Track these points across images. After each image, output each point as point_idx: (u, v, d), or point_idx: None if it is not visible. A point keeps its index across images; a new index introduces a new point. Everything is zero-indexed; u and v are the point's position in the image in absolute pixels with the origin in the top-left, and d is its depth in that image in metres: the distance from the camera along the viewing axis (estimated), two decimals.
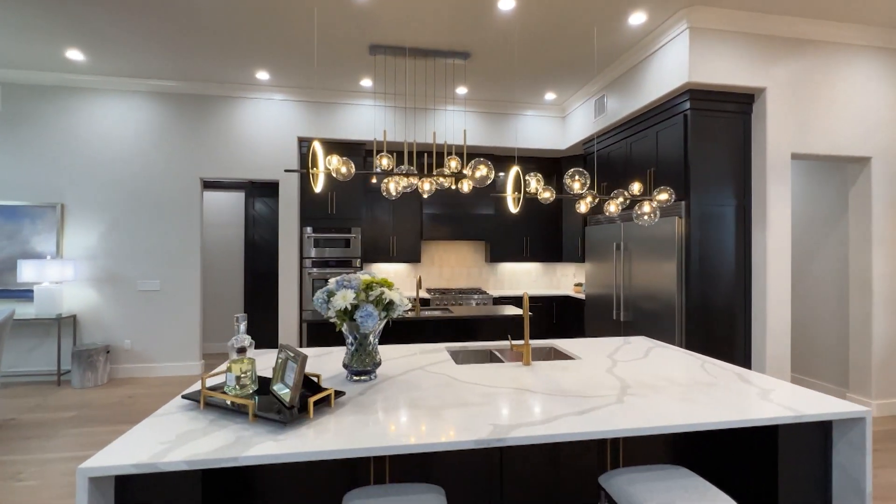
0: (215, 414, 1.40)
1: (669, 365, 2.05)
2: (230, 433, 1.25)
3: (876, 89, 3.57)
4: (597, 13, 3.27)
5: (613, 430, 1.30)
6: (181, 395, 1.52)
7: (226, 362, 1.62)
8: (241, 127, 4.73)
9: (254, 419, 1.33)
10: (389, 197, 2.06)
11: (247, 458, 1.12)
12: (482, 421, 1.36)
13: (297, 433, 1.26)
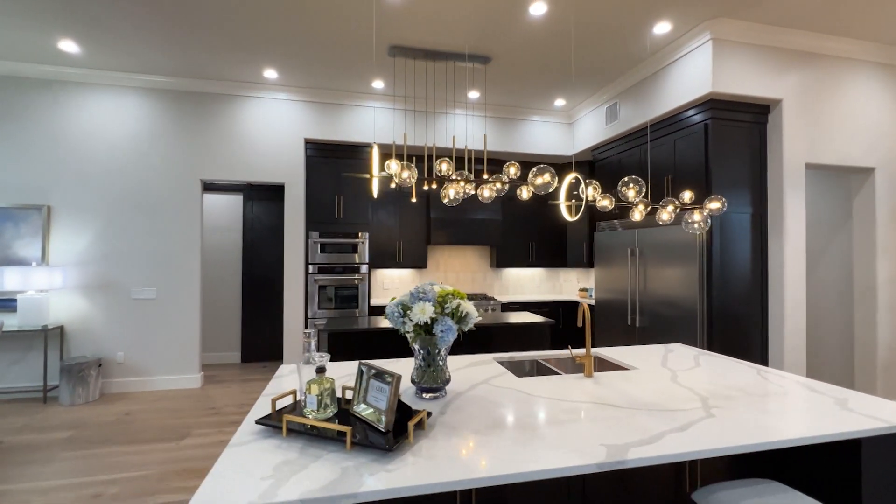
0: (300, 441, 1.28)
1: (727, 374, 2.04)
2: (331, 464, 1.14)
3: (879, 103, 3.74)
4: (623, 21, 3.29)
5: (733, 446, 1.26)
6: (255, 420, 1.38)
7: (292, 382, 1.49)
8: (244, 127, 4.52)
9: (351, 447, 1.22)
10: (450, 203, 1.97)
11: (367, 494, 1.02)
12: (589, 441, 1.29)
13: (403, 461, 1.16)
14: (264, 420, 1.38)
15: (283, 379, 1.94)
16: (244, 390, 4.30)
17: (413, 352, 1.72)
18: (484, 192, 2.01)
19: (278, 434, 1.33)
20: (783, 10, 3.13)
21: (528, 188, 2.01)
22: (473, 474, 1.09)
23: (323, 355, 1.42)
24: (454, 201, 1.95)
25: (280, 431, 1.35)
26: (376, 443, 1.21)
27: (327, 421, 1.34)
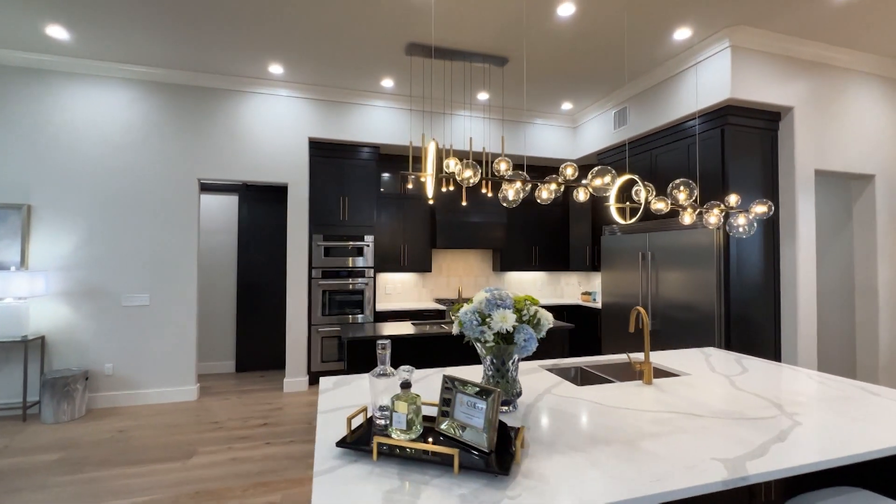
0: (393, 465, 1.16)
1: (779, 378, 2.03)
2: (443, 492, 1.02)
3: (880, 113, 3.90)
4: (645, 26, 3.30)
5: (848, 455, 1.22)
6: (336, 443, 1.24)
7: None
8: (246, 124, 4.30)
9: (459, 471, 1.10)
10: (508, 205, 1.88)
11: None
12: (698, 455, 1.22)
13: (519, 485, 1.06)
14: (346, 443, 1.24)
15: (331, 394, 1.79)
16: (245, 402, 4.06)
17: (482, 361, 1.62)
18: (542, 194, 1.94)
19: (365, 457, 1.20)
20: (798, 20, 3.21)
21: (584, 190, 1.95)
22: (606, 498, 1.00)
23: (409, 369, 1.30)
24: (513, 203, 1.87)
25: (363, 453, 1.21)
26: (482, 466, 1.10)
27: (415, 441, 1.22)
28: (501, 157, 1.77)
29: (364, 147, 4.77)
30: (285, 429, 3.41)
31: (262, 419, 3.63)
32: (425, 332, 3.27)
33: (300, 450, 3.04)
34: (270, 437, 3.27)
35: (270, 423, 3.53)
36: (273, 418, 3.64)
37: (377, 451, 1.17)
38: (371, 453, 1.19)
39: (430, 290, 5.60)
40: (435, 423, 1.32)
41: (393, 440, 1.18)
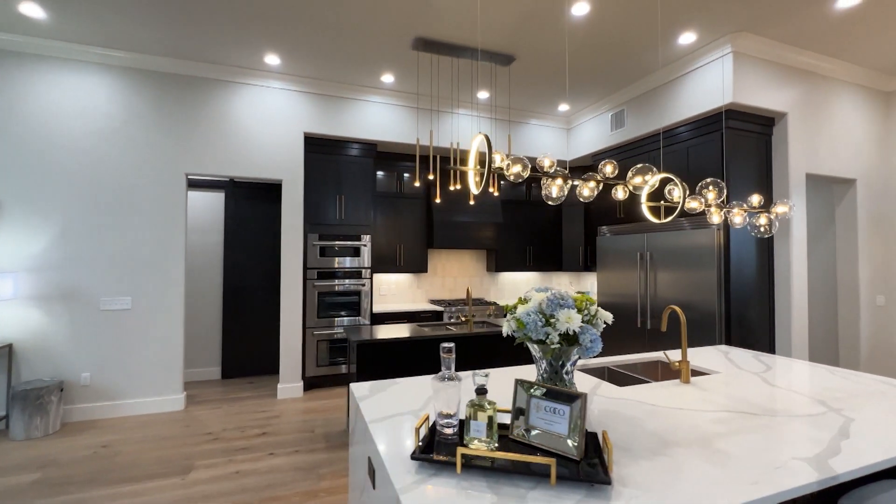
0: (480, 477, 1.08)
1: (806, 374, 2.07)
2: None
3: (861, 120, 4.12)
4: (653, 29, 3.35)
5: None
6: (410, 456, 1.15)
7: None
8: (238, 117, 4.08)
9: (556, 482, 1.04)
10: (552, 202, 1.83)
11: None
12: (778, 456, 1.20)
13: (625, 496, 1.00)
14: (427, 456, 1.15)
15: (371, 401, 1.68)
16: (237, 411, 3.84)
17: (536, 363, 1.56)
18: (583, 192, 1.90)
19: (445, 470, 1.11)
20: (796, 28, 3.34)
21: (623, 188, 1.93)
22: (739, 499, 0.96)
23: (484, 373, 1.22)
24: (556, 200, 1.82)
25: (442, 466, 1.13)
26: (577, 475, 1.04)
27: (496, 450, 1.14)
28: (545, 155, 1.72)
29: (361, 144, 4.63)
30: (287, 438, 3.24)
31: (259, 428, 3.43)
32: (443, 334, 3.19)
33: (307, 460, 2.88)
34: (272, 447, 3.09)
35: (270, 433, 3.34)
36: (272, 427, 3.45)
37: (461, 462, 1.09)
38: (447, 464, 1.11)
39: (424, 291, 5.50)
40: (508, 430, 1.25)
41: (484, 451, 1.10)
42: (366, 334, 3.14)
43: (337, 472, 2.71)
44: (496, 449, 1.16)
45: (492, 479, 1.08)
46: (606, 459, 1.09)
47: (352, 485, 1.73)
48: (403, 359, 3.12)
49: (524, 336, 1.51)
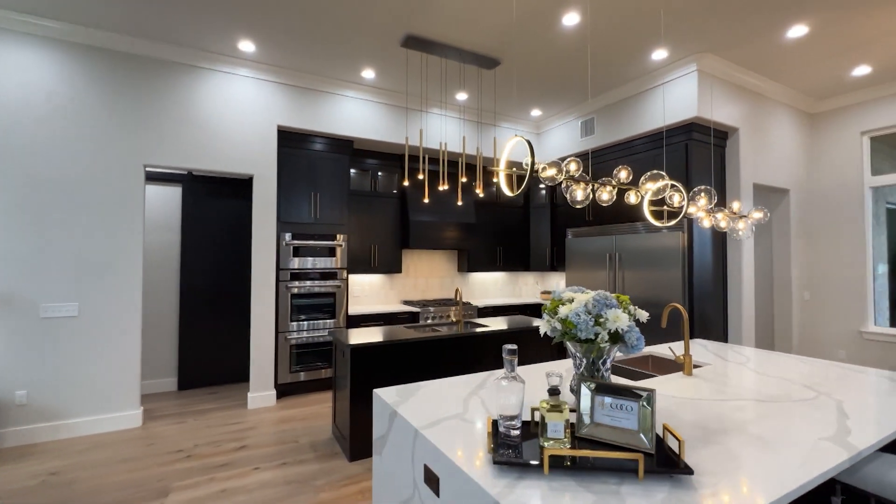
0: (567, 477, 1.09)
1: (779, 363, 2.32)
2: (648, 500, 0.99)
3: (792, 137, 4.67)
4: (631, 43, 3.57)
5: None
6: (494, 460, 1.13)
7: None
8: (206, 106, 3.76)
9: (643, 476, 1.08)
10: (576, 206, 1.88)
11: None
12: (807, 438, 1.34)
13: (707, 483, 1.06)
14: (514, 459, 1.14)
15: (408, 407, 1.64)
16: (207, 424, 3.54)
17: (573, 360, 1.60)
18: (602, 196, 1.98)
19: (529, 472, 1.12)
20: (750, 53, 3.72)
21: (636, 192, 2.04)
22: (788, 485, 1.05)
23: (558, 374, 1.24)
24: (581, 204, 1.88)
25: (525, 468, 1.13)
26: (657, 467, 1.09)
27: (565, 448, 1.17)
28: (571, 158, 1.78)
29: (337, 140, 4.47)
30: (270, 450, 3.05)
31: (236, 441, 3.19)
32: (439, 335, 3.16)
33: (298, 472, 2.73)
34: (256, 460, 2.89)
35: (250, 446, 3.12)
36: (250, 439, 3.23)
37: (548, 463, 1.10)
38: (526, 466, 1.12)
39: (397, 292, 5.42)
40: (575, 428, 1.28)
41: (574, 451, 1.12)
42: (359, 338, 3.03)
43: (334, 483, 2.60)
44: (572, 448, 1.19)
45: (577, 477, 1.10)
46: (678, 450, 1.16)
47: (383, 495, 1.67)
48: (398, 362, 3.05)
49: (567, 335, 1.55)
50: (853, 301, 4.59)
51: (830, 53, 3.71)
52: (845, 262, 4.64)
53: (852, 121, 4.62)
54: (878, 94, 4.39)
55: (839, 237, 4.69)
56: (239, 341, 4.71)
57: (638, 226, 4.34)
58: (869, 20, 3.21)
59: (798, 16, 3.14)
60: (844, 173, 4.68)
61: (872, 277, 4.54)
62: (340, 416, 3.11)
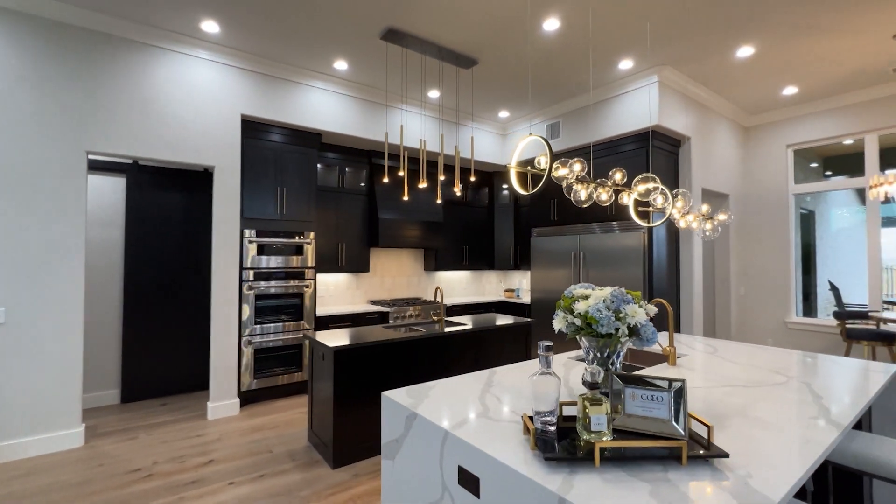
0: (616, 468, 1.13)
1: (743, 351, 2.56)
2: (696, 483, 1.05)
3: (731, 147, 5.17)
4: (601, 52, 3.75)
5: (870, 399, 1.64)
6: (545, 457, 1.14)
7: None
8: (162, 90, 3.41)
9: (686, 462, 1.14)
10: (579, 205, 1.93)
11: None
12: (799, 417, 1.49)
13: (740, 464, 1.15)
14: (564, 455, 1.15)
15: (428, 408, 1.60)
16: (163, 439, 3.23)
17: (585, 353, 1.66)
18: (602, 196, 2.06)
19: (579, 465, 1.14)
20: (703, 69, 4.06)
21: (628, 194, 2.15)
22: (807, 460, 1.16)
23: (595, 370, 1.27)
24: (584, 203, 1.95)
25: (576, 462, 1.15)
26: (698, 452, 1.16)
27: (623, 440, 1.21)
28: (577, 159, 1.84)
29: (306, 133, 4.26)
30: (244, 463, 2.84)
31: (202, 456, 2.94)
32: (422, 335, 3.11)
33: (280, 484, 2.58)
34: (229, 475, 2.68)
35: (219, 459, 2.89)
36: (218, 452, 2.99)
37: (599, 457, 1.13)
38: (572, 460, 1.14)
39: (364, 292, 5.29)
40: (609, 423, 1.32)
41: (624, 443, 1.16)
42: (338, 341, 2.92)
43: (321, 493, 2.48)
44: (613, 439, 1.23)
45: (624, 468, 1.13)
46: (708, 435, 1.24)
47: (397, 500, 1.62)
48: (382, 364, 2.98)
49: (584, 331, 1.60)
50: (779, 295, 5.17)
51: (768, 73, 4.14)
52: (773, 260, 5.21)
53: (780, 134, 5.20)
54: (802, 112, 4.98)
55: (768, 238, 5.26)
56: (193, 347, 4.34)
57: (594, 227, 4.57)
58: (801, 47, 3.63)
59: (748, 37, 3.48)
60: (773, 181, 5.26)
61: (795, 274, 5.14)
62: (320, 421, 2.97)
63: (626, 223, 4.33)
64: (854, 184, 4.82)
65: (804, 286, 5.60)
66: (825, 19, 3.21)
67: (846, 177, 5.01)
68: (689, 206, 2.56)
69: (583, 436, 1.23)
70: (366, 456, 2.88)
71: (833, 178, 5.36)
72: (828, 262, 6.92)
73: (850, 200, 7.15)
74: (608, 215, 4.52)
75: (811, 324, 4.95)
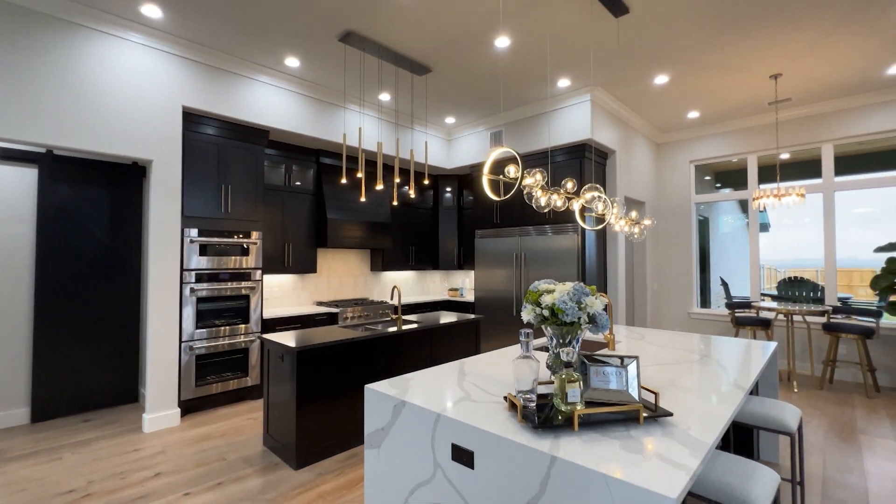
0: (590, 431, 1.36)
1: (656, 336, 3.02)
2: (652, 437, 1.32)
3: (647, 161, 5.89)
4: (543, 70, 4.11)
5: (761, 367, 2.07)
6: (533, 426, 1.33)
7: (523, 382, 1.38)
8: (92, 73, 3.11)
9: (643, 421, 1.40)
10: (539, 209, 2.16)
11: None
12: (713, 384, 1.86)
13: (682, 417, 1.44)
14: (547, 424, 1.35)
15: (412, 395, 1.73)
16: (94, 456, 2.95)
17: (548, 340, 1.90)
18: (557, 202, 2.33)
19: (561, 431, 1.35)
20: (626, 92, 4.62)
21: (577, 200, 2.45)
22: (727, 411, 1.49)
23: (568, 352, 1.50)
24: (543, 208, 2.19)
25: (558, 429, 1.36)
26: (651, 413, 1.44)
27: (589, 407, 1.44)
28: (538, 169, 2.08)
29: (253, 129, 4.11)
30: (196, 472, 2.72)
31: (146, 470, 2.75)
32: (383, 333, 3.19)
33: (242, 490, 2.52)
34: (182, 486, 2.56)
35: (167, 472, 2.73)
36: (164, 465, 2.82)
37: (579, 422, 1.35)
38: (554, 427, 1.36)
39: (310, 293, 5.19)
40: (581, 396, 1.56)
41: (596, 410, 1.39)
42: (297, 341, 2.91)
43: (287, 494, 2.48)
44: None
45: (596, 430, 1.37)
46: (655, 401, 1.52)
47: (383, 487, 1.73)
48: (343, 363, 3.01)
49: (549, 320, 1.84)
50: (683, 290, 6.00)
51: (677, 99, 4.83)
52: (679, 260, 6.03)
53: (684, 151, 6.03)
54: (702, 133, 5.83)
55: (675, 241, 6.07)
56: (120, 356, 3.97)
57: (530, 229, 4.98)
58: (703, 79, 4.30)
59: (664, 68, 4.05)
60: (679, 191, 6.08)
61: (695, 272, 6.00)
62: (279, 424, 2.93)
63: (560, 226, 4.76)
64: (740, 195, 5.76)
65: (701, 282, 6.54)
66: (720, 59, 3.86)
67: (732, 189, 5.97)
68: (622, 212, 2.96)
69: (560, 408, 1.46)
70: (330, 454, 2.91)
71: (723, 190, 6.34)
72: (719, 261, 8.12)
73: (734, 209, 8.46)
74: (546, 219, 4.93)
75: (708, 313, 5.82)
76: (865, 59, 3.89)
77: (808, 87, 4.52)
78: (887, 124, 4.64)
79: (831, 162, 5.04)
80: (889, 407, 3.95)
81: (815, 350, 5.06)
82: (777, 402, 2.24)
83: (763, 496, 1.45)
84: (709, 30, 3.38)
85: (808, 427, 3.46)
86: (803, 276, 6.74)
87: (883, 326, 4.64)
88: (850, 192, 5.00)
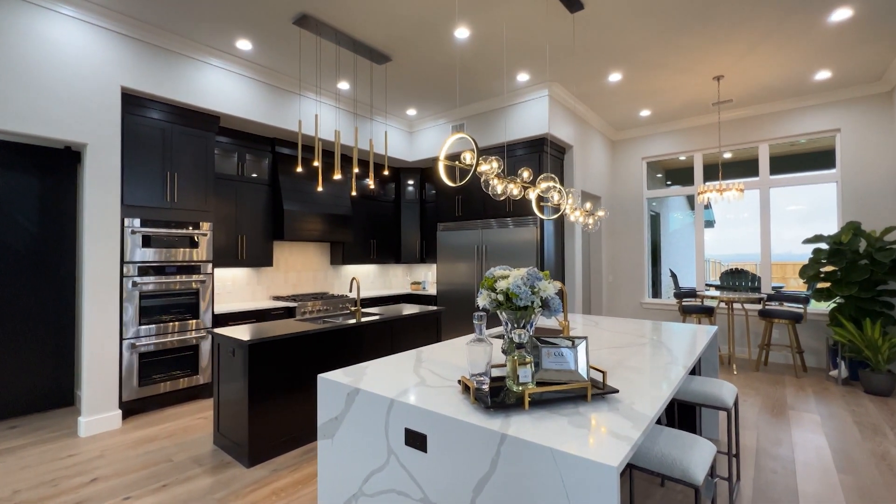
0: (541, 409, 1.39)
1: (609, 323, 3.15)
2: (599, 412, 1.36)
3: (602, 157, 6.10)
4: (502, 64, 4.16)
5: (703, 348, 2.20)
6: (486, 406, 1.35)
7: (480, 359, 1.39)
8: (13, 48, 2.83)
9: (591, 399, 1.45)
10: (495, 198, 2.17)
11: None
12: (660, 363, 1.96)
13: (627, 393, 1.50)
14: (501, 404, 1.37)
15: (367, 383, 1.70)
16: (22, 464, 2.71)
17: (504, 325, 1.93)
18: (514, 191, 2.35)
19: (511, 410, 1.38)
20: (583, 89, 4.75)
21: (533, 189, 2.49)
22: (670, 389, 1.57)
23: (520, 334, 1.52)
24: (499, 197, 2.21)
25: (508, 408, 1.39)
26: (599, 391, 1.49)
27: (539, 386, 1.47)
28: (494, 157, 2.10)
29: (202, 114, 3.89)
30: (138, 476, 2.56)
31: (81, 476, 2.57)
32: (340, 325, 3.13)
33: (187, 490, 2.40)
34: (122, 490, 2.40)
35: (105, 476, 2.55)
36: (102, 469, 2.63)
37: (528, 401, 1.38)
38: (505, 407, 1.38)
39: (266, 288, 5.00)
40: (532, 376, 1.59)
41: (545, 388, 1.42)
42: (249, 334, 2.80)
43: (239, 492, 2.38)
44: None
45: (546, 408, 1.41)
46: (603, 379, 1.58)
47: (336, 476, 1.70)
48: (299, 356, 2.93)
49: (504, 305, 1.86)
50: (636, 281, 6.28)
51: (631, 97, 5.02)
52: (632, 253, 6.30)
53: (637, 148, 6.30)
54: (653, 132, 6.10)
55: (629, 235, 6.34)
56: (54, 357, 3.67)
57: (492, 222, 5.05)
58: (653, 78, 4.49)
59: (618, 66, 4.19)
60: (632, 187, 6.35)
61: (647, 264, 6.29)
62: (230, 422, 2.81)
63: (521, 219, 4.85)
64: (687, 191, 6.09)
65: (653, 274, 6.87)
66: (669, 59, 4.05)
67: (681, 186, 6.30)
68: (577, 203, 3.05)
69: (512, 388, 1.48)
70: (284, 451, 2.82)
71: (672, 187, 6.67)
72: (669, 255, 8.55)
73: (684, 206, 8.94)
74: (506, 212, 5.01)
75: (659, 303, 6.12)
76: (798, 64, 4.20)
77: (747, 90, 4.83)
78: (815, 126, 5.04)
79: (767, 160, 5.42)
80: (814, 385, 4.32)
81: (752, 335, 5.45)
82: (716, 381, 2.39)
83: (701, 465, 1.54)
84: (658, 29, 3.53)
85: (744, 405, 3.72)
86: (743, 268, 7.22)
87: (810, 312, 5.06)
88: (784, 189, 5.40)
